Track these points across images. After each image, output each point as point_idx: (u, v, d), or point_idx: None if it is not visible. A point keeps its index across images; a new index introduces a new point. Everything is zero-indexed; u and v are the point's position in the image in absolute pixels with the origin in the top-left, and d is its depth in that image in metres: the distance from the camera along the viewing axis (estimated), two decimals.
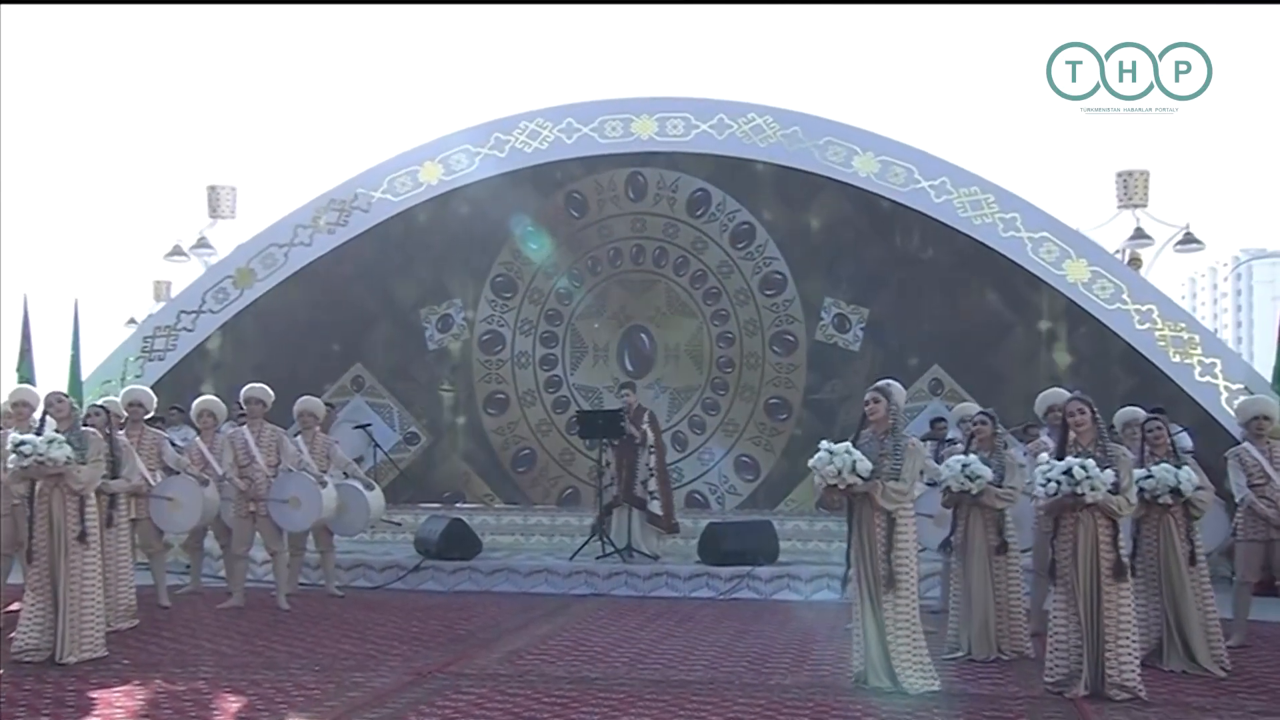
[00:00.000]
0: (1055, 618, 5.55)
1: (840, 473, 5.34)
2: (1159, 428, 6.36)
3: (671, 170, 11.50)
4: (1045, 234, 10.58)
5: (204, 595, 8.43)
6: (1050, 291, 10.61)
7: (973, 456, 6.39)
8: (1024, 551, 6.76)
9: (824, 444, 5.44)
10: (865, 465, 5.37)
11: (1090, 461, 5.32)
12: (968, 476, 6.26)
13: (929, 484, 6.90)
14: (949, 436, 8.99)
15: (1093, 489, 5.28)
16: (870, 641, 5.44)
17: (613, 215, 11.64)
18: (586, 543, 9.60)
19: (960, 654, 6.34)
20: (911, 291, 11.11)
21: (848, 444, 5.42)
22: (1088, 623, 5.39)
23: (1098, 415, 5.55)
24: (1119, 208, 12.56)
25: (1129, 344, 10.41)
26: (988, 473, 6.31)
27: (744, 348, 11.37)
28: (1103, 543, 5.41)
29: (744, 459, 11.31)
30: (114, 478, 6.83)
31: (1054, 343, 10.77)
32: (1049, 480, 5.35)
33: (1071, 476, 5.29)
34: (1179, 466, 6.16)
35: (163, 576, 8.04)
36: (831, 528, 10.36)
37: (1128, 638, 5.38)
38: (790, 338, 11.31)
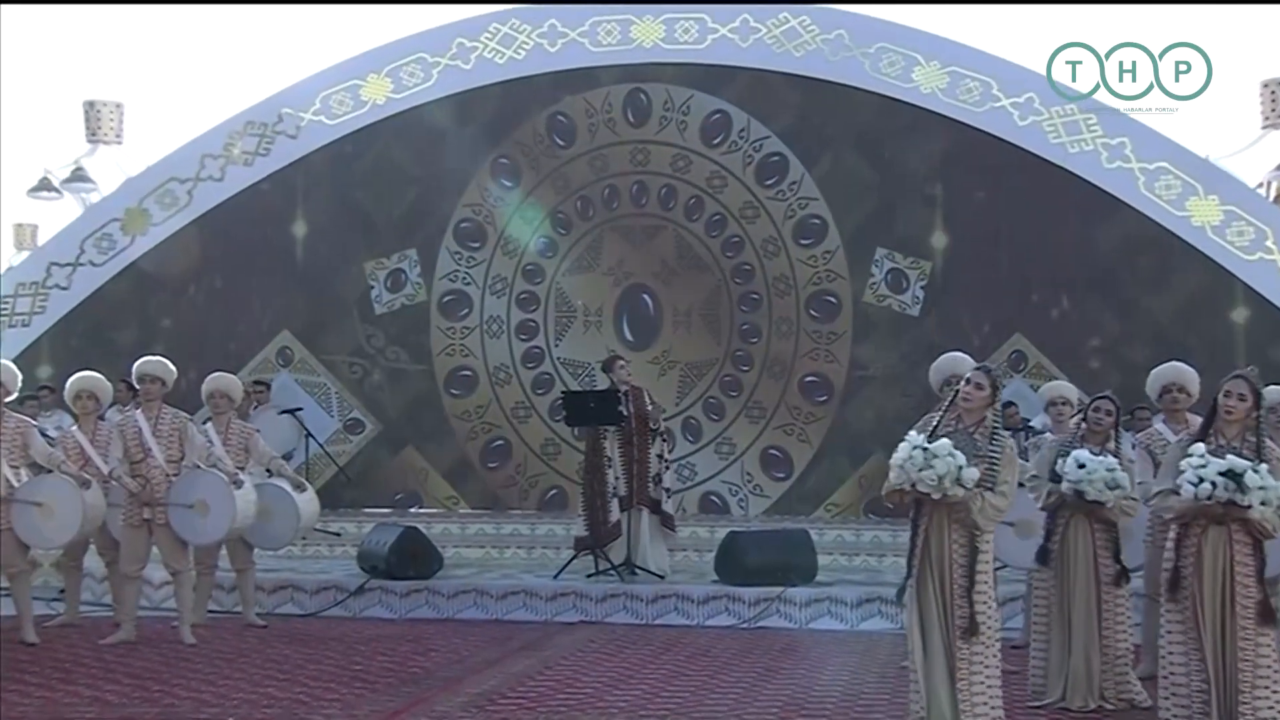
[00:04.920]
0: (1171, 653, 5.42)
1: (941, 480, 5.18)
2: None
3: (682, 87, 11.38)
4: (1163, 164, 10.48)
5: (83, 627, 8.33)
6: (1170, 239, 10.51)
7: (1112, 459, 6.26)
8: (1132, 571, 6.65)
9: (913, 435, 5.31)
10: (972, 474, 5.21)
11: (1264, 466, 5.17)
12: (1109, 485, 6.11)
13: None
14: (1030, 422, 8.89)
15: (1264, 502, 5.12)
16: (936, 685, 5.34)
17: (608, 144, 11.57)
18: (575, 558, 9.56)
19: (1049, 700, 6.24)
20: (987, 240, 11.04)
21: (946, 442, 5.25)
22: (1217, 662, 5.26)
23: (1262, 401, 5.39)
24: (1264, 127, 12.28)
25: (1275, 305, 10.31)
26: (1126, 483, 6.18)
27: (773, 312, 11.31)
28: (1240, 571, 5.25)
29: (773, 452, 11.24)
30: None
31: (1173, 305, 10.69)
32: (1202, 480, 5.15)
33: (1238, 481, 5.09)
34: None
35: (28, 604, 7.89)
36: (883, 538, 10.36)
37: (1269, 683, 5.24)
38: (832, 299, 11.23)
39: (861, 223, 11.22)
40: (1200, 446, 5.30)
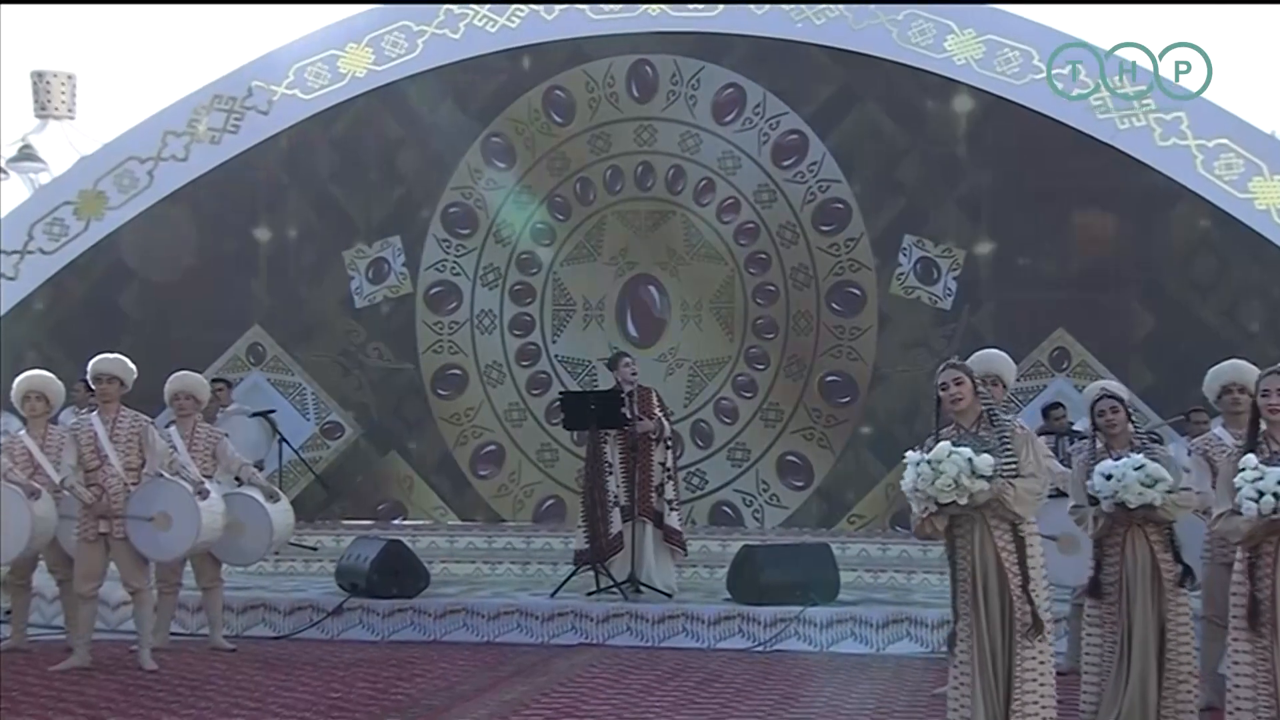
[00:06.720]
0: (1238, 685, 5.39)
1: (958, 482, 5.16)
2: None
3: (692, 58, 11.39)
4: (1224, 140, 10.44)
5: (32, 652, 8.31)
6: (1229, 223, 10.48)
7: (1138, 457, 6.17)
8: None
9: (911, 455, 5.32)
10: (986, 461, 5.22)
11: None
12: (1145, 484, 6.02)
13: (1050, 494, 6.74)
14: (1074, 426, 8.93)
15: None
16: (979, 706, 5.32)
17: (610, 121, 11.57)
18: (574, 574, 9.56)
19: None
20: (1026, 226, 11.03)
21: (946, 444, 5.27)
22: None
23: None
24: None
25: None
26: (1167, 475, 6.08)
27: (791, 305, 11.32)
28: None
29: (791, 459, 11.25)
30: None
31: (1235, 296, 10.66)
32: (1263, 494, 5.10)
33: None
34: None
35: None
36: (911, 553, 10.38)
37: None
38: (855, 291, 11.25)
39: (888, 207, 11.21)
40: (1251, 458, 5.25)
